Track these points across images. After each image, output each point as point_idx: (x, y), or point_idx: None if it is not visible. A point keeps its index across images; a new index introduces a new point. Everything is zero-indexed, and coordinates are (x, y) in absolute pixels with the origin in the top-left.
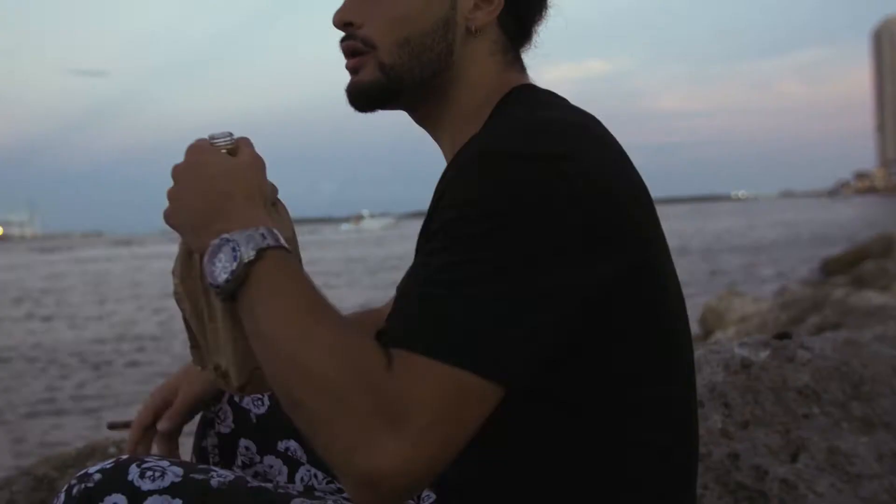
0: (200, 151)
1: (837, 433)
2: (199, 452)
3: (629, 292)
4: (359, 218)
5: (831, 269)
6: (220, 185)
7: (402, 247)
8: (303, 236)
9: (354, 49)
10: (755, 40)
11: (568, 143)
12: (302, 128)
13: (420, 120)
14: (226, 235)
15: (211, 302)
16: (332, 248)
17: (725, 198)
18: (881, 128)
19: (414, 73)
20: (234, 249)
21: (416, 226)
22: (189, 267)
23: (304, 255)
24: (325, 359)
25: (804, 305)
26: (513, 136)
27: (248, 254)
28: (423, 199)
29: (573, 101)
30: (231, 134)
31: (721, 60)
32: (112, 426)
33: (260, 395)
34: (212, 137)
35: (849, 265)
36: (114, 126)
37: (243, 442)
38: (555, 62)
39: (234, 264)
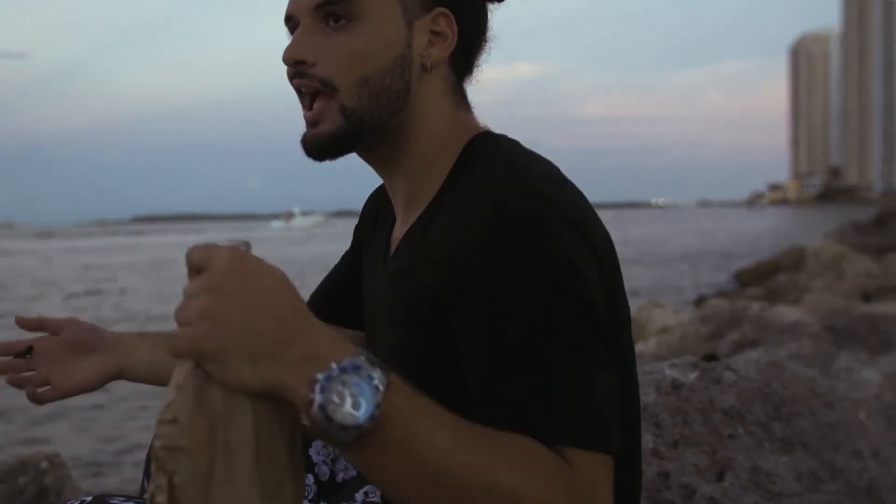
0: (236, 256)
1: (760, 453)
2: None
3: (617, 337)
4: (290, 216)
5: (745, 279)
6: (285, 299)
7: (335, 246)
8: (234, 234)
9: (312, 89)
10: (680, 50)
11: (574, 203)
12: (227, 120)
13: (372, 161)
14: (346, 363)
15: (231, 451)
16: (266, 246)
17: (646, 205)
18: (795, 142)
19: (373, 114)
20: (370, 377)
21: (345, 223)
22: (201, 405)
23: None
24: (529, 480)
25: (723, 319)
26: (533, 199)
27: (382, 381)
28: (351, 197)
29: (503, 103)
30: (248, 243)
31: (647, 69)
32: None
33: None
34: (227, 241)
35: (762, 276)
36: (31, 110)
37: None
38: (484, 63)
39: (377, 396)
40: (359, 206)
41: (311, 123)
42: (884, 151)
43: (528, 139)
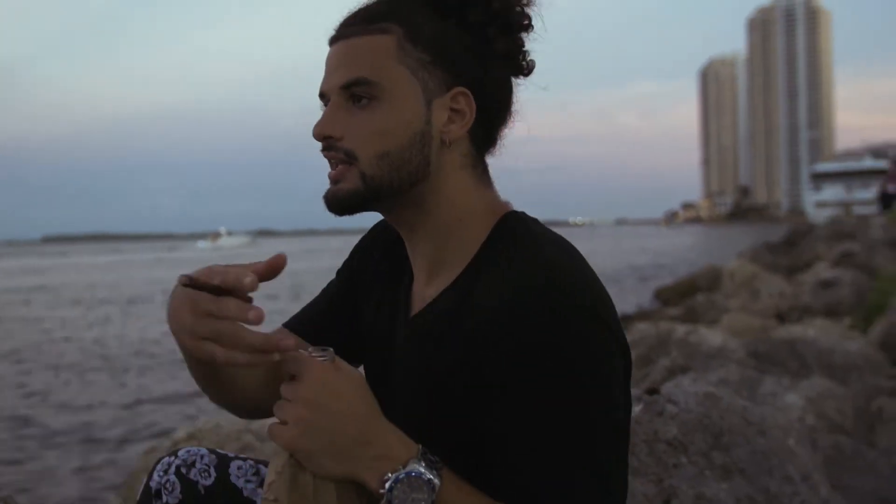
0: (325, 371)
1: (702, 481)
2: None
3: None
4: (216, 235)
5: (665, 298)
6: (364, 408)
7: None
8: (159, 253)
9: (338, 160)
10: (596, 72)
11: (606, 301)
12: (146, 135)
13: (395, 222)
14: (413, 468)
15: None
16: (195, 266)
17: (564, 223)
18: (706, 162)
19: (393, 183)
20: (428, 483)
21: (271, 244)
22: (296, 488)
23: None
24: None
25: (651, 343)
26: (571, 297)
27: (436, 480)
28: (272, 217)
29: None
30: (330, 349)
31: (563, 89)
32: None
33: (207, 466)
34: (311, 353)
35: (681, 295)
36: None
37: None
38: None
39: (433, 495)
40: (279, 226)
41: (333, 182)
42: (789, 172)
43: None
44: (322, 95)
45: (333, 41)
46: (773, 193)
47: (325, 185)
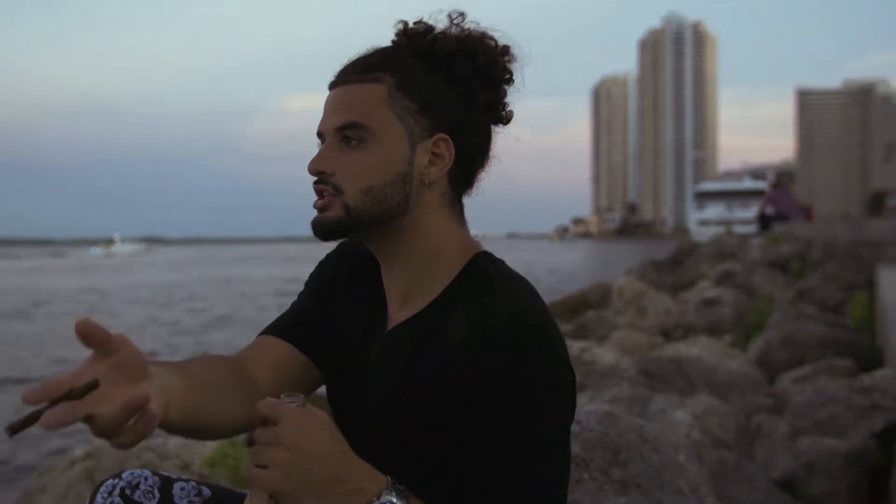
0: (299, 416)
1: (602, 495)
2: None
3: None
4: (109, 242)
5: (555, 313)
6: (337, 448)
7: (165, 275)
8: (49, 260)
9: (328, 193)
10: None
11: (559, 336)
12: (35, 136)
13: (375, 250)
14: (385, 499)
15: None
16: (90, 274)
17: None
18: (597, 178)
19: (373, 215)
20: None
21: (165, 252)
22: None
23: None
24: None
25: None
26: (532, 333)
27: None
28: (164, 224)
29: (308, 130)
30: (301, 395)
31: None
32: (12, 430)
33: (151, 488)
34: (283, 399)
35: (572, 311)
36: None
37: None
38: (300, 90)
39: None
40: (167, 233)
41: (320, 210)
42: (675, 190)
43: None
44: (319, 134)
45: (332, 86)
46: (659, 210)
47: (217, 195)
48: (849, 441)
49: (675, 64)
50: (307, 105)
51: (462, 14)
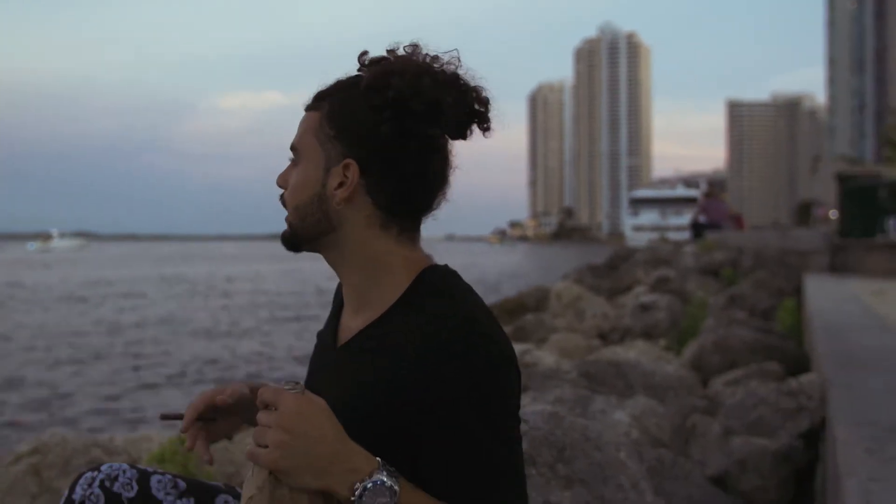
0: (298, 401)
1: (549, 489)
2: None
3: None
4: (47, 237)
5: (495, 314)
6: (332, 431)
7: (103, 271)
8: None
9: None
10: None
11: (507, 341)
12: None
13: (327, 262)
14: (377, 478)
15: None
16: (28, 269)
17: None
18: (533, 183)
19: (305, 231)
20: (389, 489)
21: (102, 248)
22: (275, 500)
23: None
24: None
25: None
26: (482, 341)
27: (396, 486)
28: (96, 220)
29: (254, 130)
30: (300, 382)
31: None
32: (165, 417)
33: (129, 480)
34: (284, 385)
35: (510, 314)
36: None
37: None
38: (235, 91)
39: (395, 498)
40: (100, 229)
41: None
42: (610, 195)
43: (277, 168)
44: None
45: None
46: (595, 215)
47: (149, 191)
48: (777, 441)
49: (610, 73)
50: (243, 103)
51: (409, 44)
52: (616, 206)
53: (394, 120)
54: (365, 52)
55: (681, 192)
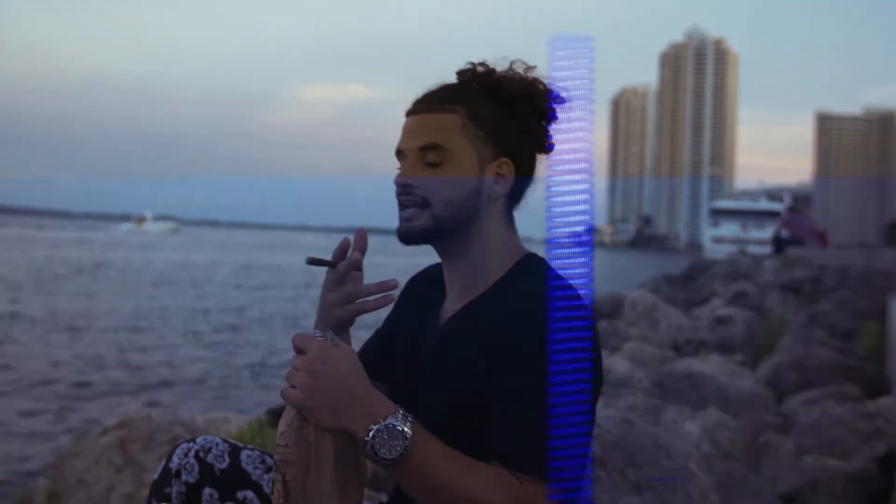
0: (324, 347)
1: (618, 493)
2: (161, 498)
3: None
4: (141, 219)
5: None
6: (355, 376)
7: (181, 255)
8: (80, 233)
9: (413, 203)
10: None
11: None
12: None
13: (444, 252)
14: (390, 421)
15: (319, 463)
16: (112, 249)
17: None
18: (612, 189)
19: (453, 223)
20: (402, 433)
21: (198, 232)
22: (301, 436)
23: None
24: (491, 491)
25: None
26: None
27: (408, 431)
28: (210, 207)
29: (334, 123)
30: (330, 332)
31: None
32: (312, 261)
33: (222, 453)
34: (315, 334)
35: None
36: None
37: (207, 490)
38: (316, 83)
39: (406, 441)
40: (215, 216)
41: (407, 221)
42: (690, 205)
43: (357, 161)
44: (399, 153)
45: (410, 113)
46: (673, 224)
47: (232, 179)
48: (851, 463)
49: (696, 79)
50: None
51: (522, 62)
52: (696, 215)
53: (538, 126)
54: (472, 63)
55: (764, 204)
